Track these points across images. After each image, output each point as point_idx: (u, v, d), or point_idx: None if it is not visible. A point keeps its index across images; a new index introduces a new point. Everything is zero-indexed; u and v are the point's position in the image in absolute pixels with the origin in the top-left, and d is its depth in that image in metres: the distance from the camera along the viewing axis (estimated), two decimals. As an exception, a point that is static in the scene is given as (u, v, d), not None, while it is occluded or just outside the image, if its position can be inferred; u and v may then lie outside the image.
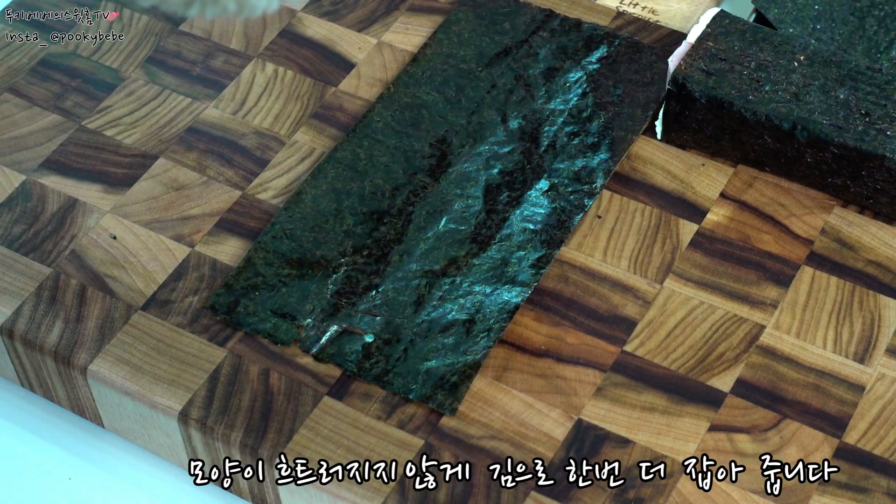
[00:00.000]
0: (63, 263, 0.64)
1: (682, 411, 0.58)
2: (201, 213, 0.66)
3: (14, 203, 0.66)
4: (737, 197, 0.65)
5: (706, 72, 0.65)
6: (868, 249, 0.63)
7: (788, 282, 0.62)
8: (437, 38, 0.72)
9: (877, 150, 0.62)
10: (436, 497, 0.55)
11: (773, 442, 0.57)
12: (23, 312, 0.62)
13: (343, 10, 0.74)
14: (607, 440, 0.57)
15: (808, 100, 0.63)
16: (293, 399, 0.59)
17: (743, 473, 0.56)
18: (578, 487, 0.55)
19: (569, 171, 0.66)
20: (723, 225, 0.64)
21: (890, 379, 0.59)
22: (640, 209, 0.65)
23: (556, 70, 0.70)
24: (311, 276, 0.62)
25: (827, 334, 0.60)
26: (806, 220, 0.64)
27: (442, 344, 0.60)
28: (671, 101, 0.66)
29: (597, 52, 0.70)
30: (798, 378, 0.59)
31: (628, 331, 0.60)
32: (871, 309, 0.61)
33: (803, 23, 0.69)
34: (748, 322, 0.61)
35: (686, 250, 0.63)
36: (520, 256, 0.63)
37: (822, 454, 0.56)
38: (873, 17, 0.70)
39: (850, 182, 0.63)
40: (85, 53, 0.73)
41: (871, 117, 0.62)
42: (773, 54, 0.65)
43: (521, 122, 0.68)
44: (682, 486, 0.55)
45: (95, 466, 0.62)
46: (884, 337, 0.60)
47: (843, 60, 0.65)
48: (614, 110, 0.68)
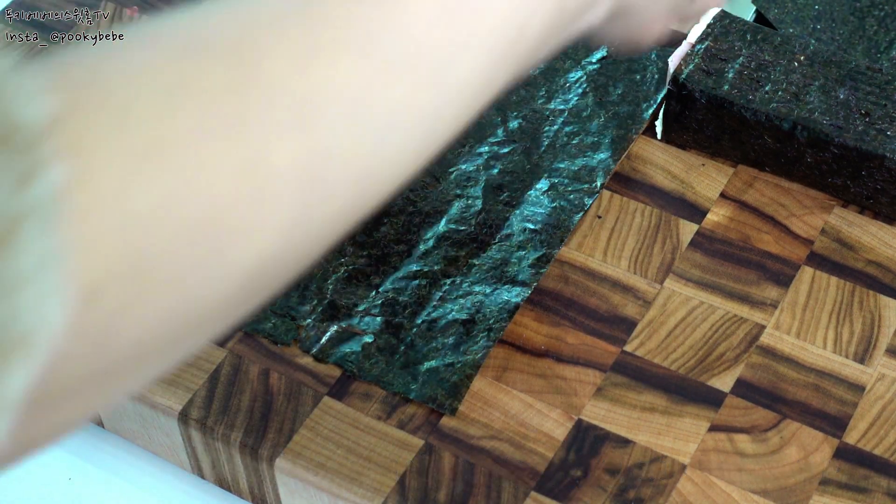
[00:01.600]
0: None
1: (683, 411, 0.58)
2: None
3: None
4: (737, 197, 0.65)
5: (706, 72, 0.65)
6: (868, 249, 0.63)
7: (788, 282, 0.62)
8: (437, 39, 0.72)
9: (877, 150, 0.62)
10: (436, 497, 0.55)
11: (773, 442, 0.57)
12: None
13: (343, 10, 0.74)
14: (607, 440, 0.57)
15: (808, 100, 0.63)
16: (293, 399, 0.59)
17: (743, 473, 0.56)
18: (578, 487, 0.55)
19: (569, 171, 0.66)
20: (723, 225, 0.64)
21: (890, 379, 0.59)
22: (641, 209, 0.65)
23: (556, 70, 0.70)
24: (311, 276, 0.62)
25: (827, 334, 0.60)
26: (806, 220, 0.64)
27: (442, 344, 0.60)
28: (671, 101, 0.66)
29: (597, 52, 0.70)
30: (798, 378, 0.59)
31: (628, 331, 0.60)
32: (871, 309, 0.61)
33: (803, 23, 0.69)
34: (748, 322, 0.61)
35: (686, 250, 0.63)
36: (520, 256, 0.63)
37: (823, 454, 0.56)
38: (873, 17, 0.70)
39: (851, 182, 0.63)
40: (85, 53, 0.73)
41: (872, 117, 0.62)
42: (774, 54, 0.65)
43: (521, 122, 0.68)
44: (682, 486, 0.55)
45: (95, 466, 0.62)
46: (884, 337, 0.60)
47: (844, 60, 0.65)
48: (614, 110, 0.68)
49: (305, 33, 0.39)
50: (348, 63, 0.39)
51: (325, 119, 0.38)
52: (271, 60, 0.37)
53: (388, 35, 0.40)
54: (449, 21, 0.42)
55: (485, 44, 0.43)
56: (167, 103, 0.35)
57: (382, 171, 0.41)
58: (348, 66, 0.39)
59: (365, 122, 0.39)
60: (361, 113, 0.39)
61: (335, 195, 0.39)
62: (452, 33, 0.42)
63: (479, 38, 0.43)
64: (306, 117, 0.37)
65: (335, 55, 0.39)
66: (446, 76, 0.42)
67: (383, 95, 0.40)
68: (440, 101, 0.42)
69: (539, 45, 0.46)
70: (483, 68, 0.43)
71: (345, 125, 0.39)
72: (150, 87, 0.35)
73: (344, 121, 0.39)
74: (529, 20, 0.45)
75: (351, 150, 0.39)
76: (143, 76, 0.35)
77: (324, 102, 0.38)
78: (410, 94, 0.41)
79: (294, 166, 0.37)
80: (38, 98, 0.31)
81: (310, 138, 0.38)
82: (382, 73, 0.40)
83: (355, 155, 0.39)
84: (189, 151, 0.34)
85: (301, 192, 0.37)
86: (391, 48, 0.40)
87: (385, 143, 0.40)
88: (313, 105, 0.38)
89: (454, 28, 0.42)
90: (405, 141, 0.41)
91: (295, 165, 0.37)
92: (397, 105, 0.40)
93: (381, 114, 0.40)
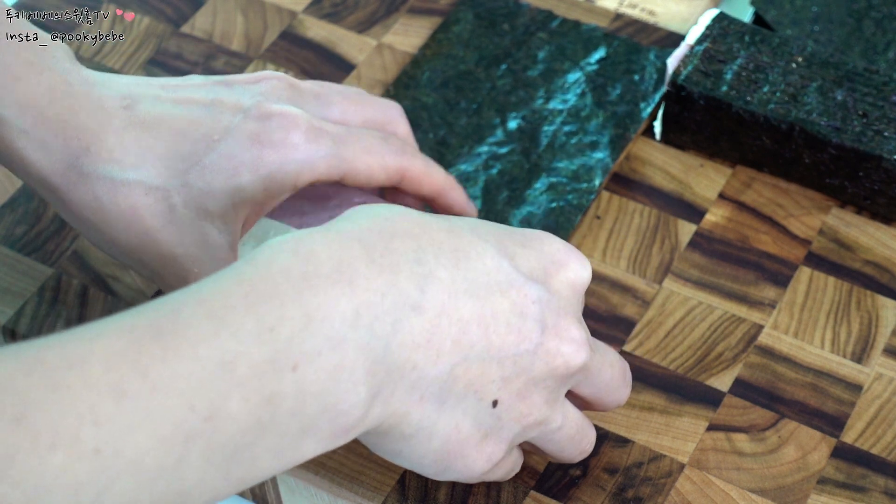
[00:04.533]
0: (65, 264, 0.64)
1: (681, 411, 0.58)
2: (202, 214, 0.66)
3: (16, 204, 0.66)
4: (735, 197, 0.65)
5: (705, 73, 0.65)
6: (865, 250, 0.63)
7: (786, 282, 0.62)
8: (436, 39, 0.72)
9: (874, 151, 0.62)
10: (436, 497, 0.56)
11: (772, 441, 0.57)
12: (25, 312, 0.62)
13: (343, 11, 0.75)
14: (606, 439, 0.57)
15: (805, 101, 0.64)
16: (294, 399, 0.59)
17: (741, 472, 0.56)
18: (577, 487, 0.56)
19: (567, 170, 0.66)
20: (721, 225, 0.64)
21: (887, 378, 0.59)
22: (639, 210, 0.65)
23: (556, 71, 0.70)
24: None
25: (825, 334, 0.60)
26: (804, 220, 0.64)
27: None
28: (670, 102, 0.66)
29: (595, 53, 0.71)
30: (796, 378, 0.59)
31: (627, 331, 0.61)
32: (868, 309, 0.61)
33: (801, 24, 0.70)
34: (746, 322, 0.61)
35: (685, 251, 0.63)
36: (519, 257, 0.63)
37: (820, 453, 0.56)
38: (871, 18, 0.70)
39: (848, 183, 0.64)
40: (86, 54, 0.73)
41: (869, 118, 0.63)
42: (772, 56, 0.65)
43: (520, 123, 0.68)
44: (681, 485, 0.56)
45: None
46: (881, 337, 0.60)
47: (841, 62, 0.65)
48: (612, 110, 0.68)
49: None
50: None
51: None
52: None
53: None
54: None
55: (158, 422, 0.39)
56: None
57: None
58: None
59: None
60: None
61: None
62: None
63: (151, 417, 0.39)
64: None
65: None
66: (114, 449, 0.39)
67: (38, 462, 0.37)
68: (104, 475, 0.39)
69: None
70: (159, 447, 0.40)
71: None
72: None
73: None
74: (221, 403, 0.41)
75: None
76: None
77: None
78: (67, 463, 0.38)
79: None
80: None
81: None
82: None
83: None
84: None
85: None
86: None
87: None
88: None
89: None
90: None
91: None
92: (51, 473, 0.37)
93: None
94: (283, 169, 0.54)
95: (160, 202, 0.53)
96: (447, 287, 0.46)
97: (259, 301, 0.42)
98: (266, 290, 0.42)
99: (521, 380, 0.48)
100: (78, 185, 0.54)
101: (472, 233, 0.48)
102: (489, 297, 0.47)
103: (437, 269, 0.46)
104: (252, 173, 0.54)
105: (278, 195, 0.55)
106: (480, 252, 0.48)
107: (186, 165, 0.54)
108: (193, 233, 0.54)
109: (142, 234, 0.54)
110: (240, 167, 0.54)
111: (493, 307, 0.47)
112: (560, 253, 0.50)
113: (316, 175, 0.55)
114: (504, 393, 0.48)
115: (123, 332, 0.40)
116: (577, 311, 0.50)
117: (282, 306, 0.42)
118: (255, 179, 0.54)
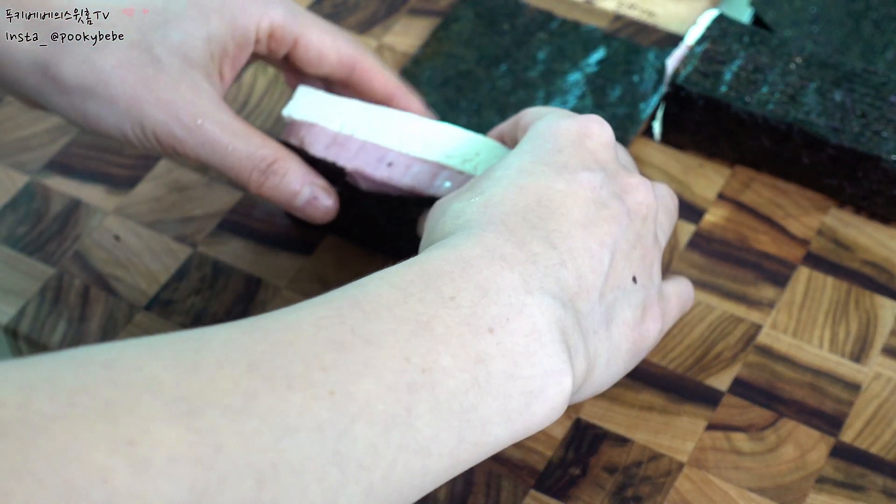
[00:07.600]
0: (67, 263, 0.64)
1: (680, 410, 0.58)
2: (203, 214, 0.66)
3: (18, 204, 0.67)
4: (734, 197, 0.66)
5: (704, 73, 0.65)
6: (864, 250, 0.63)
7: (785, 282, 0.62)
8: (436, 40, 0.72)
9: (872, 152, 0.62)
10: (436, 496, 0.56)
11: (770, 440, 0.57)
12: (27, 312, 0.62)
13: (344, 12, 0.75)
14: (606, 439, 0.57)
15: (804, 101, 0.64)
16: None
17: (740, 472, 0.56)
18: (577, 486, 0.56)
19: (568, 172, 0.66)
20: (720, 225, 0.65)
21: (885, 378, 0.59)
22: (639, 210, 0.65)
23: (555, 72, 0.70)
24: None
25: (823, 334, 0.61)
26: (802, 220, 0.65)
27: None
28: (669, 103, 0.66)
29: (595, 54, 0.71)
30: (795, 377, 0.59)
31: (627, 330, 0.61)
32: (866, 309, 0.61)
33: (800, 25, 0.70)
34: (745, 322, 0.61)
35: (684, 250, 0.64)
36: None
37: (819, 452, 0.57)
38: (869, 19, 0.70)
39: (847, 183, 0.64)
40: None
41: (867, 119, 0.63)
42: (770, 56, 0.65)
43: (520, 124, 0.68)
44: (680, 484, 0.56)
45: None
46: (879, 336, 0.60)
47: (840, 62, 0.65)
48: (612, 111, 0.68)
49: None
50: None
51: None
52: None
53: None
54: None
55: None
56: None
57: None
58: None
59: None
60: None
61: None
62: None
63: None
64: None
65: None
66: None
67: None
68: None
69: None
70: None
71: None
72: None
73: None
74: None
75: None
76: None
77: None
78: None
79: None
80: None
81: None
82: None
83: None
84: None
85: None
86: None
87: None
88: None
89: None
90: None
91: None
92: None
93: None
94: (246, 11, 0.58)
95: (145, 53, 0.56)
96: (564, 233, 0.49)
97: (431, 279, 0.46)
98: (434, 271, 0.46)
99: (634, 246, 0.52)
100: (65, 51, 0.56)
101: (530, 176, 0.51)
102: (583, 213, 0.50)
103: (548, 222, 0.49)
104: (220, 17, 0.57)
105: (244, 45, 0.58)
106: (548, 182, 0.50)
107: (163, 18, 0.57)
108: (185, 79, 0.56)
109: (138, 85, 0.56)
110: (210, 13, 0.57)
111: (589, 217, 0.50)
112: (578, 126, 0.53)
113: (273, 23, 0.58)
114: (633, 266, 0.52)
115: (322, 304, 0.44)
116: (617, 159, 0.53)
117: (453, 281, 0.46)
118: (222, 24, 0.57)
